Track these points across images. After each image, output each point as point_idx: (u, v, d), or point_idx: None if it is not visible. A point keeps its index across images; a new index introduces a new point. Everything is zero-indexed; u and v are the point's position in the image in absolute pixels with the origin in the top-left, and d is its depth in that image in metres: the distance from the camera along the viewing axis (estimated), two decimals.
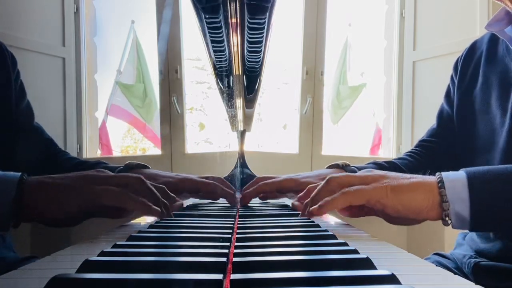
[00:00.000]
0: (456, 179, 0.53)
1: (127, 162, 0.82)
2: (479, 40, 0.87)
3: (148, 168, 0.83)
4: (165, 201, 0.59)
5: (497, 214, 0.52)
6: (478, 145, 0.79)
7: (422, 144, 0.94)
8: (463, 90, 0.85)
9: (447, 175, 0.54)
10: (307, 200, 0.60)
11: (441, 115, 0.93)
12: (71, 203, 0.51)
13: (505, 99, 0.72)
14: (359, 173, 0.60)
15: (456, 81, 0.88)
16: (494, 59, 0.79)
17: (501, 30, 0.75)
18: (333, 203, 0.54)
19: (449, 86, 0.92)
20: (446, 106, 0.92)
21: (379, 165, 0.87)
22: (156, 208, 0.55)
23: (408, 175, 0.57)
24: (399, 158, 0.92)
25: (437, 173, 0.55)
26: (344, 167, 0.84)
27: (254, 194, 0.83)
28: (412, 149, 0.95)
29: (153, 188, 0.57)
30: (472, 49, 0.87)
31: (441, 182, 0.53)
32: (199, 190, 0.81)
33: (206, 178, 0.83)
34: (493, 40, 0.81)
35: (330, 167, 0.86)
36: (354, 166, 0.85)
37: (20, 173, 0.50)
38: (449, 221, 0.53)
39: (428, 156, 0.92)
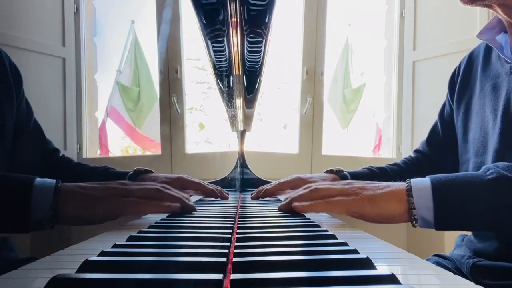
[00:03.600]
0: (422, 188, 0.60)
1: (135, 168, 0.95)
2: (476, 49, 0.88)
3: (153, 172, 0.97)
4: (182, 196, 0.68)
5: (458, 218, 0.58)
6: (473, 149, 0.81)
7: (415, 153, 1.03)
8: (464, 101, 0.86)
9: (415, 184, 0.61)
10: (288, 200, 0.69)
11: (433, 131, 1.00)
12: (99, 213, 0.59)
13: (496, 103, 0.75)
14: (339, 185, 0.67)
15: (453, 98, 0.90)
16: (489, 67, 0.81)
17: (492, 38, 0.78)
18: (314, 207, 0.63)
19: (444, 103, 0.96)
20: (439, 122, 0.97)
21: (371, 171, 0.98)
22: (175, 204, 0.64)
23: (383, 184, 0.64)
24: (393, 164, 1.02)
25: (406, 180, 0.63)
26: (338, 173, 0.96)
27: (272, 191, 0.97)
28: (410, 155, 1.04)
29: (169, 192, 0.66)
30: (470, 60, 0.89)
31: (409, 190, 0.61)
32: (188, 187, 0.95)
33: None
34: (489, 47, 0.83)
35: (327, 172, 0.99)
36: (346, 172, 0.96)
37: (55, 180, 0.57)
38: (416, 224, 0.60)
39: (418, 165, 0.99)
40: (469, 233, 0.86)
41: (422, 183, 0.60)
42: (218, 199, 0.99)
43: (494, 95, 0.76)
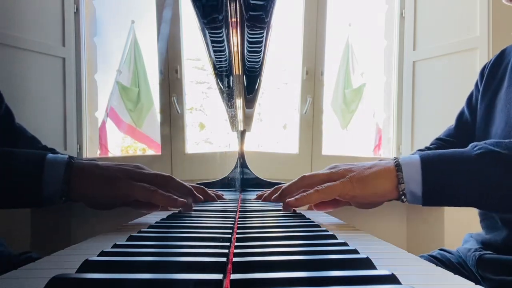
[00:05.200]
0: (411, 162, 0.61)
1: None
2: (510, 46, 0.89)
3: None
4: (194, 191, 0.69)
5: (446, 192, 0.60)
6: None
7: (437, 142, 1.00)
8: (488, 94, 0.87)
9: (403, 159, 0.63)
10: (279, 193, 0.71)
11: (460, 118, 0.97)
12: (110, 193, 0.60)
13: None
14: (324, 170, 0.68)
15: (481, 87, 0.90)
16: None
17: None
18: (308, 198, 0.64)
19: (472, 91, 0.96)
20: (467, 110, 0.95)
21: None
22: (182, 200, 0.64)
23: (370, 163, 0.65)
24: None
25: (394, 157, 0.65)
26: None
27: (278, 198, 0.92)
28: (426, 146, 1.01)
29: (182, 182, 0.67)
30: (501, 55, 0.89)
31: (398, 165, 0.62)
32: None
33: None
34: None
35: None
36: None
37: (67, 156, 0.59)
38: (405, 199, 0.62)
39: None
40: (476, 230, 0.86)
41: (411, 158, 0.62)
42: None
43: None
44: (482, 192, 0.58)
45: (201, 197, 0.69)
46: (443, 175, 0.59)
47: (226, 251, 0.35)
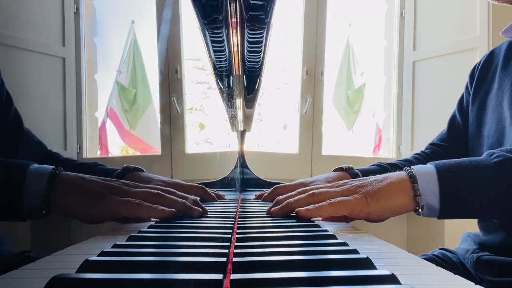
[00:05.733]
0: (426, 173, 0.58)
1: (124, 166, 0.88)
2: (498, 48, 0.89)
3: (143, 171, 0.89)
4: (186, 201, 0.64)
5: (465, 203, 0.56)
6: (487, 144, 0.80)
7: (431, 147, 0.99)
8: (480, 96, 0.87)
9: (418, 170, 0.59)
10: (283, 205, 0.63)
11: (452, 122, 0.97)
12: (93, 210, 0.57)
13: None
14: (336, 187, 0.63)
15: (471, 90, 0.90)
16: (509, 64, 0.81)
17: None
18: (320, 210, 0.58)
19: (463, 94, 0.95)
20: (458, 114, 0.95)
21: (382, 167, 0.91)
22: (170, 209, 0.59)
23: (381, 176, 0.61)
24: (405, 160, 0.97)
25: (405, 168, 0.60)
26: (348, 170, 0.90)
27: (270, 198, 0.88)
28: (422, 151, 1.00)
29: (171, 196, 0.62)
30: (490, 56, 0.89)
31: (412, 177, 0.58)
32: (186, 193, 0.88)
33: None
34: (511, 46, 0.83)
35: (335, 170, 0.92)
36: (357, 170, 0.90)
37: (51, 167, 0.56)
38: (421, 212, 0.58)
39: (435, 159, 0.94)
40: (474, 229, 0.87)
41: (425, 169, 0.59)
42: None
43: None
44: (504, 202, 0.55)
45: (199, 210, 0.63)
46: (462, 186, 0.56)
47: (226, 251, 0.35)
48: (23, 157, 0.83)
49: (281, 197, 0.66)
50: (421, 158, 0.96)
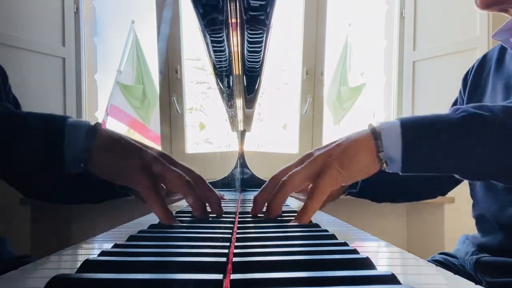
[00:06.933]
0: (390, 127, 0.56)
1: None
2: (490, 51, 0.89)
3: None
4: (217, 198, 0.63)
5: (427, 158, 0.56)
6: None
7: None
8: (475, 99, 0.87)
9: (382, 124, 0.57)
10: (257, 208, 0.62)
11: None
12: (121, 176, 0.56)
13: (507, 102, 0.74)
14: (300, 165, 0.59)
15: (465, 94, 0.91)
16: (502, 67, 0.82)
17: (507, 39, 0.78)
18: (312, 211, 0.57)
19: (456, 98, 0.96)
20: None
21: None
22: (171, 218, 0.56)
23: (344, 137, 0.59)
24: None
25: (369, 124, 0.59)
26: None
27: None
28: None
29: (208, 185, 0.63)
30: (484, 60, 0.89)
31: (375, 133, 0.57)
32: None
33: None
34: (503, 49, 0.83)
35: None
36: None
37: (88, 122, 0.55)
38: (385, 167, 0.57)
39: None
40: (473, 231, 0.87)
41: (390, 124, 0.57)
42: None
43: (506, 93, 0.77)
44: (465, 157, 0.54)
45: (222, 209, 0.62)
46: (425, 138, 0.55)
47: (226, 251, 0.35)
48: None
49: (258, 197, 0.63)
50: None
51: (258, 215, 0.63)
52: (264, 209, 0.62)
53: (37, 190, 0.82)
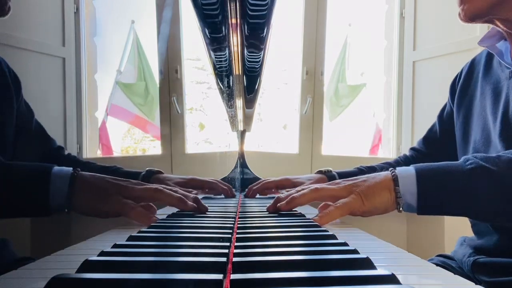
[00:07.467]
0: (407, 175, 0.64)
1: (147, 169, 1.01)
2: (478, 56, 0.91)
3: (163, 173, 1.03)
4: (182, 196, 0.69)
5: (439, 204, 0.63)
6: (473, 150, 0.84)
7: (412, 151, 1.07)
8: (464, 104, 0.89)
9: (399, 172, 0.65)
10: (288, 200, 0.69)
11: (431, 129, 1.05)
12: (103, 208, 0.63)
13: (497, 106, 0.78)
14: (331, 185, 0.69)
15: (453, 101, 0.94)
16: (490, 72, 0.84)
17: (493, 45, 0.81)
18: (332, 216, 0.64)
19: (445, 106, 1.00)
20: (437, 122, 1.01)
21: (360, 171, 1.01)
22: (155, 217, 0.62)
23: (371, 176, 0.67)
24: (385, 163, 1.06)
25: (390, 169, 0.67)
26: (326, 173, 1.03)
27: (259, 189, 1.06)
28: (404, 154, 1.09)
29: (167, 191, 0.68)
30: (472, 65, 0.92)
31: (395, 179, 0.64)
32: (203, 187, 1.02)
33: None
34: (490, 54, 0.85)
35: (316, 173, 1.06)
36: (335, 172, 1.03)
37: (71, 169, 0.63)
38: (401, 210, 0.65)
39: (413, 163, 0.99)
40: (469, 233, 0.87)
41: (407, 171, 0.65)
42: (223, 196, 1.05)
43: (495, 98, 0.79)
44: (473, 205, 0.61)
45: (194, 205, 0.69)
46: (437, 188, 0.62)
47: (226, 251, 0.35)
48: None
49: (282, 195, 0.71)
50: (402, 161, 1.05)
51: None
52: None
53: None
